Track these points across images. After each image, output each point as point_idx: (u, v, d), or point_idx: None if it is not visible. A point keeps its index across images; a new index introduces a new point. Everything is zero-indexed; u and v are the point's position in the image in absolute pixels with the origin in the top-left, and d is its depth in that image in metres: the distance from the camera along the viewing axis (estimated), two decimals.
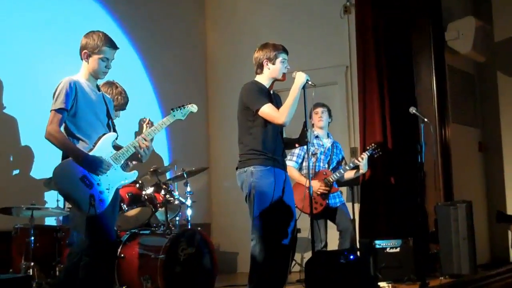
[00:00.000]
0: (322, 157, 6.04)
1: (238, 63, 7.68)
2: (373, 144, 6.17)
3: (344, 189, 6.93)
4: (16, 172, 5.81)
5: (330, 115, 6.16)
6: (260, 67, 4.57)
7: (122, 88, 4.87)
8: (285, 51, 4.57)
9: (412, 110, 5.94)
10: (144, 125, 4.12)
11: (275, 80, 4.58)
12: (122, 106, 4.90)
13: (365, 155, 5.98)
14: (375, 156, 6.11)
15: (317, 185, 5.80)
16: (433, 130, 6.31)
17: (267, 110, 4.35)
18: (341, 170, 5.95)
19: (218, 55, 8.23)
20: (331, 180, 5.89)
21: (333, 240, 6.04)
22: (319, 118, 6.07)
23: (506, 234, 8.02)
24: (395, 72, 6.97)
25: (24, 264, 4.87)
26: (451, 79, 7.42)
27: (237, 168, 4.51)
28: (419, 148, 5.68)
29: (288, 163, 5.69)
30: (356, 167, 6.02)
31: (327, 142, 6.11)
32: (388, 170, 6.74)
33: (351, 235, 5.88)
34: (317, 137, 6.06)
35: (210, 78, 8.25)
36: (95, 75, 3.97)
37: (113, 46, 3.97)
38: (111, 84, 4.82)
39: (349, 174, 6.09)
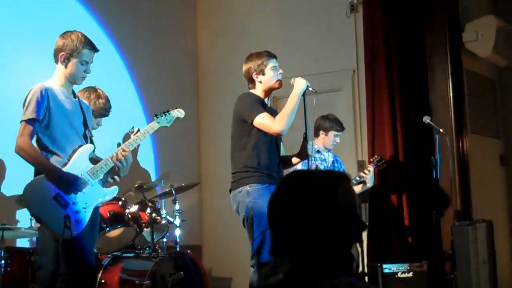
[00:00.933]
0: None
1: (233, 66, 7.63)
2: (376, 156, 6.29)
3: None
4: None
5: None
6: (251, 81, 4.60)
7: (103, 92, 4.86)
8: (272, 56, 4.58)
9: (426, 119, 5.94)
10: (132, 136, 4.09)
11: (271, 90, 4.59)
12: (103, 112, 4.88)
13: (371, 167, 6.04)
14: (380, 168, 6.18)
15: None
16: (450, 142, 6.30)
17: (262, 119, 4.38)
18: None
19: (211, 57, 8.22)
20: None
21: None
22: (336, 142, 6.18)
23: None
24: (407, 77, 6.97)
25: None
26: (469, 85, 7.42)
27: (230, 190, 4.51)
28: (434, 161, 5.68)
29: None
30: (362, 181, 6.06)
31: (329, 157, 6.21)
32: (400, 187, 6.73)
33: (356, 259, 5.91)
34: (318, 151, 6.16)
35: (202, 82, 8.24)
36: (72, 80, 3.96)
37: (93, 48, 3.96)
38: (90, 89, 4.81)
39: (356, 189, 6.11)
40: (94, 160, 3.95)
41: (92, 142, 4.00)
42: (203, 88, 8.23)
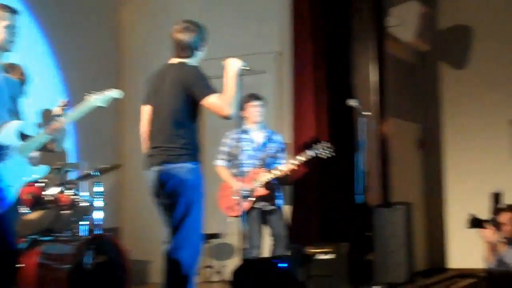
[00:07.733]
0: (251, 153, 6.01)
1: (154, 46, 7.63)
2: (323, 143, 5.98)
3: None
4: None
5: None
6: (189, 52, 4.44)
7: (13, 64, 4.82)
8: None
9: (350, 102, 6.07)
10: (57, 108, 4.04)
11: None
12: (25, 79, 4.87)
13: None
14: (324, 157, 5.92)
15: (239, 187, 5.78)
16: (371, 125, 6.45)
17: (215, 100, 4.23)
18: (276, 171, 5.88)
19: (133, 34, 8.14)
20: (264, 179, 5.85)
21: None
22: (257, 112, 6.06)
23: (443, 239, 8.38)
24: (333, 61, 7.08)
25: None
26: (391, 70, 7.63)
27: (164, 162, 4.35)
28: (357, 144, 5.83)
29: (217, 162, 6.03)
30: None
31: (259, 137, 6.07)
32: (323, 169, 6.85)
33: (285, 241, 5.94)
34: (244, 131, 6.03)
35: (122, 62, 8.17)
36: (2, 46, 3.86)
37: (13, 11, 3.89)
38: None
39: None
40: (22, 136, 3.87)
41: (21, 118, 3.92)
42: (124, 68, 8.16)
